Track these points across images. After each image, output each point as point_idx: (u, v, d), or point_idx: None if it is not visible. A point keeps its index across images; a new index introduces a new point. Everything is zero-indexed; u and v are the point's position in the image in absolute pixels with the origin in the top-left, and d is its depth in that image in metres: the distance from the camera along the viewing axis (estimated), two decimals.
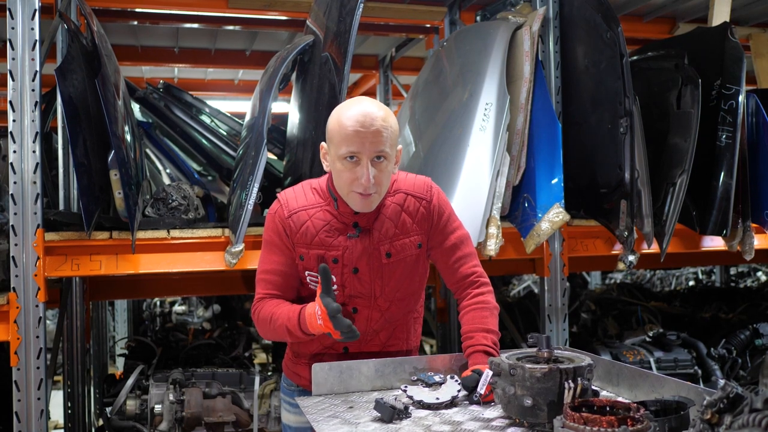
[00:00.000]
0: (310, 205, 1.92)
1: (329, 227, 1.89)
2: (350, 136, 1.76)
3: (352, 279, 1.90)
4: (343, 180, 1.81)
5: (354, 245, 1.89)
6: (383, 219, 1.91)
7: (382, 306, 1.95)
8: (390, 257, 1.90)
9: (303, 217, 1.91)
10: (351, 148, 1.76)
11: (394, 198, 1.92)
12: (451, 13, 4.32)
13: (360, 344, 1.97)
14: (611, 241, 3.35)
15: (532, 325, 4.56)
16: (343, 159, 1.78)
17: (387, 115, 1.80)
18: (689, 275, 8.88)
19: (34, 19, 2.60)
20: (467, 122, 3.13)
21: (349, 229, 1.89)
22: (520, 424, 1.55)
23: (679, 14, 4.65)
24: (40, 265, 2.60)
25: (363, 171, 1.77)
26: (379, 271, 1.91)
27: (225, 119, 4.46)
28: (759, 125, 3.38)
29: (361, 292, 1.92)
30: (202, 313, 6.59)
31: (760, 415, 1.00)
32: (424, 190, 1.95)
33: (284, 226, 1.91)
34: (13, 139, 2.57)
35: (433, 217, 1.94)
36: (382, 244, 1.90)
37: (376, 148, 1.77)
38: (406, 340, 2.05)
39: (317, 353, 2.00)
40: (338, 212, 1.89)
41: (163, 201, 3.01)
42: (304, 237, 1.90)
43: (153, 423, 3.29)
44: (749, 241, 3.39)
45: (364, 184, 1.78)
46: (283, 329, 1.84)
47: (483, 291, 1.97)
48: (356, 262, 1.89)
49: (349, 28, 2.65)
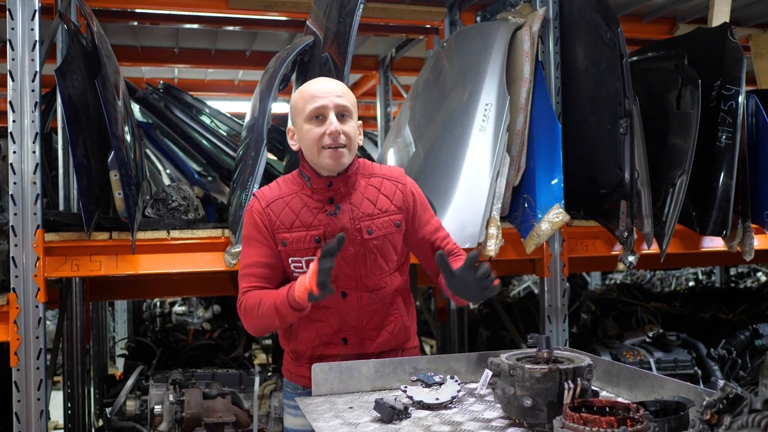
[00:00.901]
0: (285, 193, 1.98)
1: (307, 208, 1.94)
2: (313, 95, 1.90)
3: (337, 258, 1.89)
4: (312, 138, 1.89)
5: (334, 223, 1.93)
6: (360, 197, 1.96)
7: (369, 285, 1.96)
8: (371, 234, 1.94)
9: (280, 205, 1.96)
10: (315, 104, 1.88)
11: (369, 180, 2.00)
12: (451, 14, 4.32)
13: (358, 330, 1.98)
14: (611, 242, 3.35)
15: (532, 325, 4.56)
16: (310, 120, 1.89)
17: (344, 85, 1.97)
18: (689, 276, 8.89)
19: (34, 20, 2.60)
20: (467, 123, 3.13)
21: (326, 206, 1.94)
22: (520, 425, 1.55)
23: (679, 15, 4.65)
24: (39, 265, 2.60)
25: (330, 120, 1.87)
26: (361, 247, 1.94)
27: (225, 120, 4.46)
28: (759, 126, 3.38)
29: (346, 273, 1.94)
30: (202, 314, 6.58)
31: (760, 415, 1.01)
32: (399, 175, 2.04)
33: (261, 217, 1.95)
34: (13, 139, 2.57)
35: (408, 199, 2.01)
36: (363, 220, 1.94)
37: (338, 101, 1.89)
38: (402, 324, 2.04)
39: (317, 345, 1.99)
40: (312, 190, 1.95)
41: (163, 201, 3.01)
42: (285, 222, 1.93)
43: (153, 423, 3.29)
44: (749, 242, 3.39)
45: (332, 132, 1.86)
46: (272, 309, 1.83)
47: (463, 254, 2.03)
48: None
49: (349, 28, 2.66)
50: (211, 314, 6.55)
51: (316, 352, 1.99)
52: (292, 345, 2.04)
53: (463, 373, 1.96)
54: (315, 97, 1.89)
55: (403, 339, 2.06)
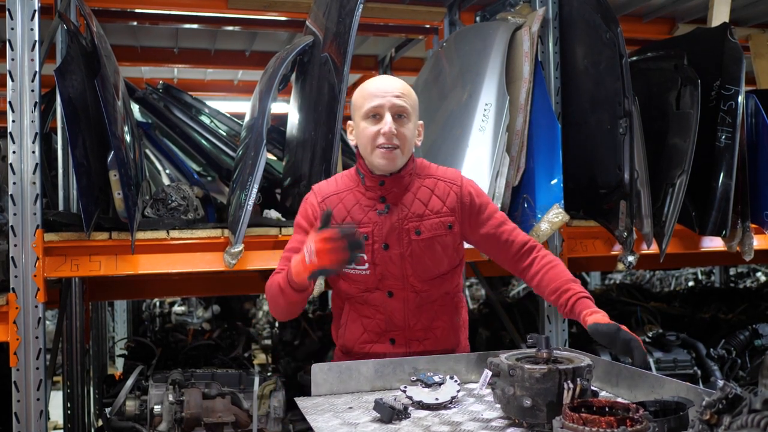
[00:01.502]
0: (340, 189, 2.02)
1: (359, 205, 1.97)
2: (372, 93, 1.91)
3: (383, 255, 1.94)
4: (367, 136, 1.91)
5: (383, 221, 1.94)
6: (412, 197, 1.97)
7: (416, 286, 1.97)
8: (419, 234, 1.95)
9: (334, 201, 2.00)
10: (373, 102, 1.90)
11: (424, 181, 2.00)
12: (451, 14, 4.31)
13: (404, 331, 1.99)
14: (611, 242, 3.35)
15: (531, 325, 4.55)
16: (367, 118, 1.91)
17: (405, 84, 1.96)
18: (689, 276, 8.89)
19: (33, 20, 2.60)
20: (466, 123, 3.13)
21: (378, 205, 1.96)
22: (519, 425, 1.55)
23: (678, 15, 4.65)
24: (39, 265, 2.60)
25: (385, 120, 1.89)
26: (408, 247, 1.95)
27: (224, 120, 4.46)
28: (758, 126, 3.38)
29: (392, 272, 1.95)
30: (202, 314, 6.59)
31: (759, 415, 1.00)
32: (455, 177, 2.04)
33: (314, 210, 1.99)
34: (13, 139, 2.57)
35: (465, 201, 1.99)
36: (411, 221, 1.95)
37: (397, 103, 1.90)
38: (451, 327, 2.05)
39: (364, 342, 2.00)
40: (365, 187, 1.97)
41: (163, 201, 3.01)
42: (336, 218, 1.96)
43: (152, 423, 3.28)
44: (748, 242, 3.39)
45: (386, 132, 1.88)
46: (277, 287, 1.86)
47: (546, 253, 2.01)
48: (386, 238, 1.94)
49: (349, 28, 2.66)
50: (210, 314, 6.55)
51: (363, 349, 2.01)
52: (341, 340, 2.06)
53: (462, 373, 1.96)
54: (373, 96, 1.91)
55: (452, 343, 2.06)
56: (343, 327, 2.04)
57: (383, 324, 1.99)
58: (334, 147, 2.68)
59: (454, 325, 2.07)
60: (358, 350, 2.01)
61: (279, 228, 2.99)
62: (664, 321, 4.75)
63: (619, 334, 1.69)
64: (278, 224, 3.02)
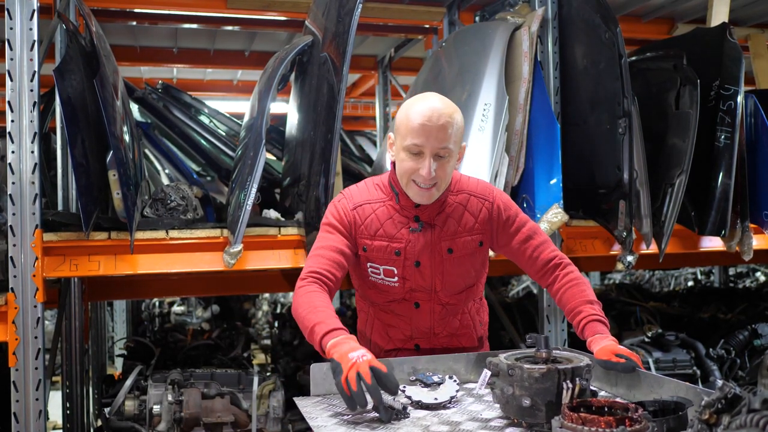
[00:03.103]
0: (373, 199, 1.98)
1: (392, 221, 1.94)
2: (416, 129, 1.81)
3: (414, 272, 1.94)
4: (405, 168, 1.86)
5: (416, 239, 1.93)
6: (445, 216, 1.95)
7: (443, 299, 1.99)
8: (451, 253, 1.95)
9: (367, 210, 1.96)
10: (415, 140, 1.82)
11: (457, 197, 1.97)
12: (450, 14, 4.31)
13: (430, 338, 2.02)
14: (610, 242, 3.35)
15: (531, 325, 4.55)
16: (408, 150, 1.84)
17: (454, 112, 1.85)
18: (688, 276, 8.89)
19: (32, 20, 2.60)
20: (466, 122, 3.12)
21: (411, 222, 1.94)
22: (519, 425, 1.55)
23: (677, 15, 4.65)
24: (38, 265, 2.60)
25: (425, 164, 1.82)
26: (440, 266, 1.95)
27: (224, 120, 4.46)
28: (757, 126, 3.38)
29: (422, 286, 1.96)
30: (201, 314, 6.58)
31: (758, 415, 1.00)
32: (487, 192, 2.01)
33: (347, 216, 1.95)
34: (12, 139, 2.57)
35: (494, 216, 1.98)
36: (444, 240, 1.94)
37: (440, 144, 1.81)
38: (473, 328, 2.08)
39: (390, 350, 2.03)
40: (400, 206, 1.94)
41: (162, 201, 3.00)
42: (369, 229, 1.94)
43: (151, 423, 3.28)
44: (748, 242, 3.39)
45: (424, 176, 1.82)
46: (308, 328, 1.74)
47: (569, 270, 2.00)
48: (418, 256, 1.94)
49: (348, 28, 2.65)
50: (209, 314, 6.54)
51: (389, 355, 2.03)
52: (367, 344, 2.06)
53: (461, 373, 1.96)
54: (417, 133, 1.81)
55: (476, 348, 2.09)
56: (368, 332, 2.07)
57: (408, 331, 2.02)
58: (333, 147, 2.68)
59: (477, 329, 2.11)
60: (385, 356, 2.02)
61: (278, 228, 2.99)
62: (664, 321, 4.75)
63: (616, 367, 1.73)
64: (277, 224, 3.02)
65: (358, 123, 7.76)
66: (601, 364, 1.75)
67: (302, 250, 2.99)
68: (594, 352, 1.79)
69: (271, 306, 8.11)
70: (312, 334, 1.73)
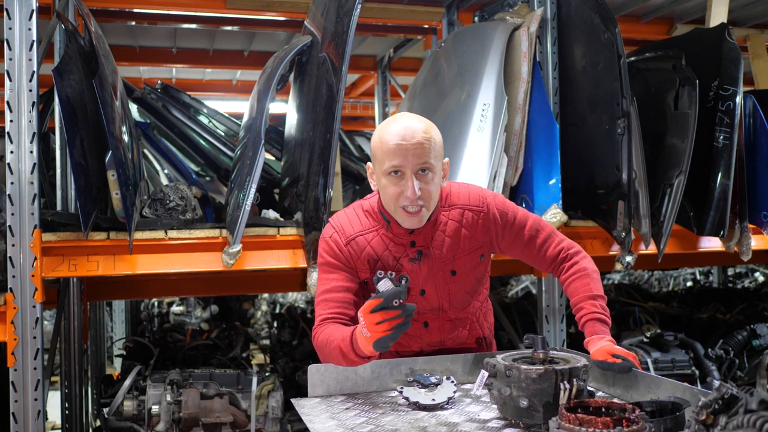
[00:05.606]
0: (365, 229, 1.90)
1: (389, 252, 1.88)
2: (392, 150, 1.74)
3: (419, 299, 1.92)
4: (389, 195, 1.79)
5: (418, 269, 1.89)
6: (442, 237, 1.89)
7: (451, 316, 1.98)
8: (455, 275, 1.92)
9: (362, 243, 1.89)
10: (394, 162, 1.74)
11: (450, 213, 1.91)
12: (449, 14, 4.31)
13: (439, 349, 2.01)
14: (609, 242, 3.35)
15: (530, 325, 4.56)
16: (388, 174, 1.77)
17: (428, 128, 1.79)
18: (687, 276, 8.89)
19: (31, 20, 2.60)
20: (465, 123, 3.13)
21: (408, 250, 1.88)
22: (516, 425, 1.55)
23: (676, 15, 4.65)
24: (37, 265, 2.60)
25: (408, 184, 1.75)
26: (445, 288, 1.93)
27: (223, 120, 4.46)
28: (756, 126, 3.38)
29: (429, 308, 1.95)
30: (200, 314, 6.58)
31: (755, 415, 1.01)
32: (480, 201, 1.94)
33: (341, 251, 1.88)
34: (11, 139, 2.57)
35: (491, 225, 1.93)
36: (446, 263, 1.90)
37: (419, 160, 1.74)
38: (480, 329, 2.08)
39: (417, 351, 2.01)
40: (393, 234, 1.88)
41: (161, 201, 3.00)
42: (365, 263, 1.88)
43: (150, 424, 3.28)
44: (746, 242, 3.39)
45: (409, 197, 1.75)
46: (338, 352, 1.71)
47: (574, 261, 1.98)
48: (422, 285, 1.91)
49: (347, 28, 2.65)
50: (208, 314, 6.55)
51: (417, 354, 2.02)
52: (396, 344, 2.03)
53: (459, 373, 1.97)
54: (393, 154, 1.74)
55: (483, 347, 2.09)
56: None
57: (418, 347, 2.01)
58: (332, 147, 2.68)
59: (484, 332, 2.10)
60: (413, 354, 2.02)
61: (277, 228, 2.99)
62: (663, 321, 4.75)
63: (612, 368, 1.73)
64: (276, 224, 3.02)
65: (357, 123, 7.77)
66: (598, 365, 1.75)
67: (301, 251, 2.99)
68: (591, 352, 1.79)
69: (270, 306, 8.11)
70: (343, 353, 1.69)
